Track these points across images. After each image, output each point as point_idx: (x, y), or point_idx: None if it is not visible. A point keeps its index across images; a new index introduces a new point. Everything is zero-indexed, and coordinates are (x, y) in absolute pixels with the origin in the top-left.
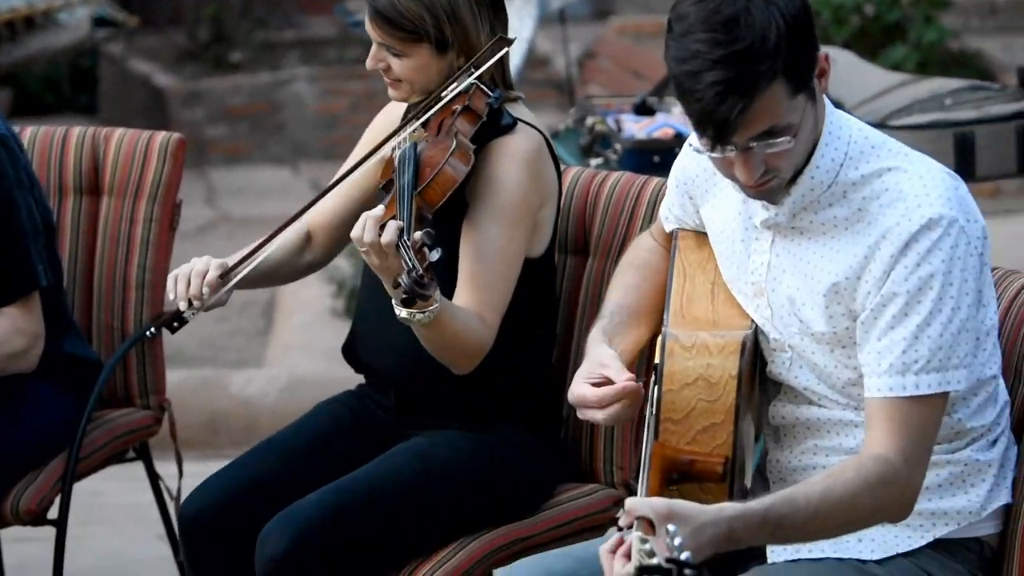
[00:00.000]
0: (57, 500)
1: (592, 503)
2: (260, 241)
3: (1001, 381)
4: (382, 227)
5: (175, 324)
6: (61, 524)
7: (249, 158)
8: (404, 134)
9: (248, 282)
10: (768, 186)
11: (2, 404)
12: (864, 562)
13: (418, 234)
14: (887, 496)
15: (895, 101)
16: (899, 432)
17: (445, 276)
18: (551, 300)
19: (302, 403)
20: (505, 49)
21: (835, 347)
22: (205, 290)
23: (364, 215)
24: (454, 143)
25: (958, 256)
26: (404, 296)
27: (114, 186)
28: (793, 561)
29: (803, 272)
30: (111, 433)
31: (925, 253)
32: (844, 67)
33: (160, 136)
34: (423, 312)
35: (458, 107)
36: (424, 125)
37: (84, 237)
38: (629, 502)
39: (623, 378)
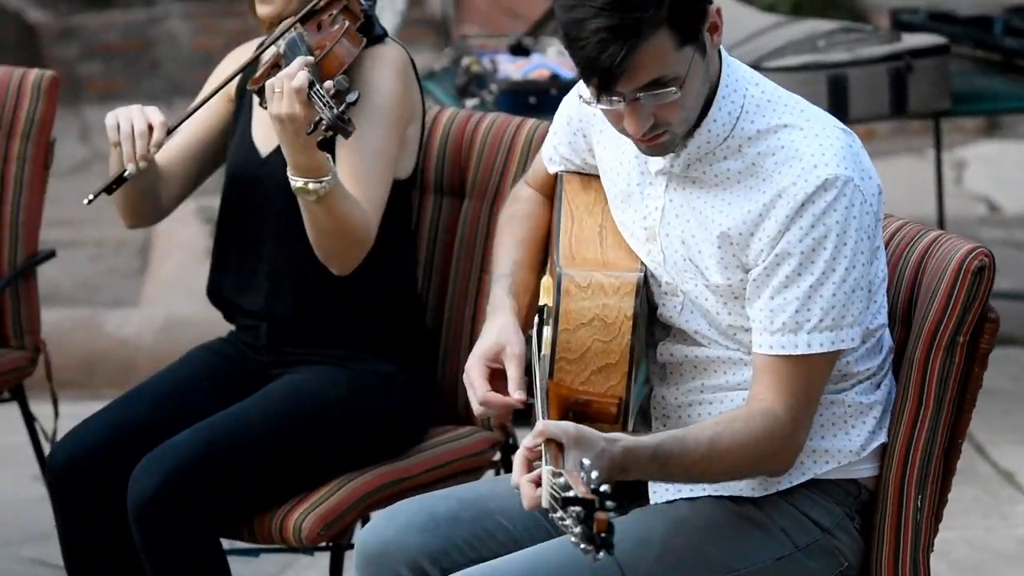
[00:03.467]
0: None
1: (468, 445)
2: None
3: (887, 328)
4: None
5: (114, 186)
6: None
7: (124, 95)
8: (282, 27)
9: (137, 192)
10: (660, 141)
11: None
12: (740, 500)
13: (330, 82)
14: (771, 451)
15: (769, 43)
16: (788, 390)
17: None
18: (409, 231)
19: (179, 343)
20: None
21: (728, 299)
22: (152, 149)
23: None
24: (345, 25)
25: (853, 216)
26: (325, 135)
27: None
28: (671, 502)
29: (696, 221)
30: None
31: (820, 214)
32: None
33: (33, 73)
34: (319, 182)
35: (335, 10)
36: (303, 24)
37: None
38: (541, 424)
39: (515, 398)
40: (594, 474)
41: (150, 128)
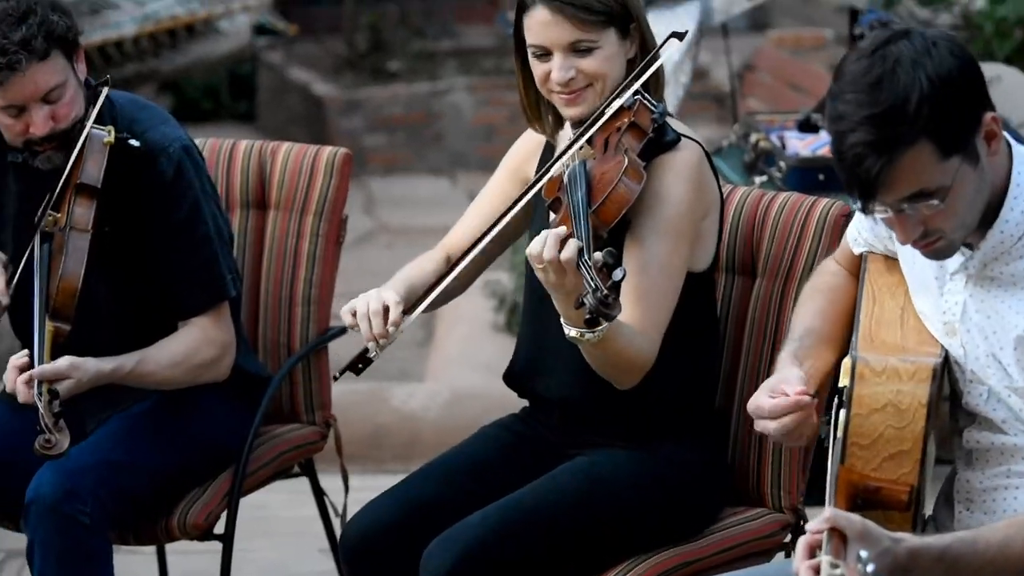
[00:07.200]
0: (223, 515)
1: (760, 527)
2: (439, 277)
3: None
4: (561, 244)
5: (360, 365)
6: (228, 539)
7: (407, 168)
8: (571, 151)
9: (441, 300)
10: (936, 247)
11: (173, 418)
12: None
13: (599, 254)
14: None
15: None
16: None
17: None
18: (713, 316)
19: (465, 418)
20: (673, 44)
21: None
22: (391, 328)
23: (545, 232)
24: (626, 161)
25: None
26: (588, 316)
27: (281, 200)
28: None
29: (994, 321)
30: (277, 449)
31: None
32: (1010, 84)
33: (327, 151)
34: (593, 332)
35: (623, 123)
36: (590, 143)
37: (251, 251)
38: (829, 510)
39: (797, 391)
40: (870, 567)
41: (386, 309)
